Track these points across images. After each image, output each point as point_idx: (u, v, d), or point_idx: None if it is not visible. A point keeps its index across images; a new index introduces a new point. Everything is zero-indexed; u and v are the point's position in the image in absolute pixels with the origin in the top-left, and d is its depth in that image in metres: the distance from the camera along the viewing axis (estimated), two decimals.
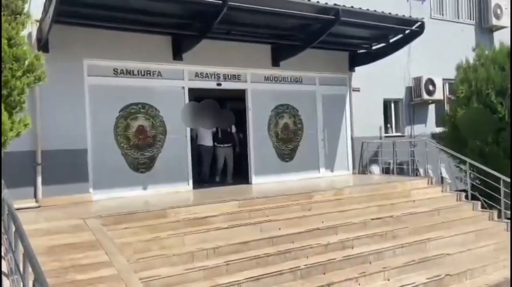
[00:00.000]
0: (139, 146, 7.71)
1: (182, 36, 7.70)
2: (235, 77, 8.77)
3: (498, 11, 12.28)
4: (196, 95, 8.48)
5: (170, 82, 8.06)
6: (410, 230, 6.62)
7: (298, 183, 8.55)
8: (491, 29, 12.46)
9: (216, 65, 8.41)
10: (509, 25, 12.50)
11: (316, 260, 5.55)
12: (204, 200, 6.69)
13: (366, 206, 7.09)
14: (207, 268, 5.04)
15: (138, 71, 7.75)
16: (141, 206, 6.40)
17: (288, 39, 8.62)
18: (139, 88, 7.73)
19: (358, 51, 9.84)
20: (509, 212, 7.80)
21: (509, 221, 7.61)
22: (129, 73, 7.68)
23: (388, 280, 5.54)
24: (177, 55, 7.92)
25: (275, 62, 8.99)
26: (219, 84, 8.59)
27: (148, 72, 7.84)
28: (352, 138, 10.02)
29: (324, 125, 9.71)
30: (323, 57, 9.41)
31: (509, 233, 7.42)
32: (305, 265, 5.41)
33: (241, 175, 9.31)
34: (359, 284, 5.36)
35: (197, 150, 9.13)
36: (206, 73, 8.44)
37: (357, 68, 9.93)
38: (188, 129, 8.25)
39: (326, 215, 6.60)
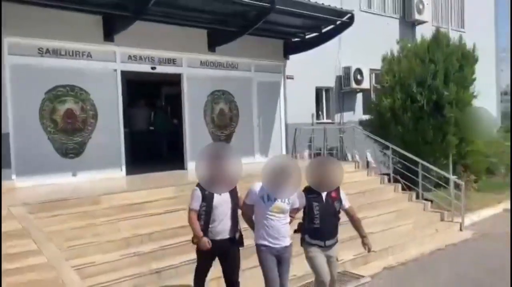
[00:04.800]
0: (68, 130, 7.32)
1: (114, 16, 7.37)
2: (171, 61, 8.60)
3: (420, 6, 13.19)
4: (130, 78, 8.22)
5: (101, 64, 7.70)
6: None
7: None
8: (414, 23, 13.36)
9: (150, 48, 8.18)
10: (430, 19, 13.52)
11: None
12: (140, 186, 6.55)
13: None
14: (142, 253, 4.99)
15: (66, 51, 7.30)
16: (71, 192, 6.11)
17: (224, 25, 8.61)
18: (67, 69, 7.30)
19: (292, 40, 10.09)
20: (425, 193, 8.58)
21: (427, 201, 8.35)
22: (56, 53, 7.22)
23: None
24: (108, 36, 7.58)
25: (211, 48, 8.94)
26: (153, 68, 8.37)
27: (77, 52, 7.42)
28: (286, 125, 10.32)
29: (259, 112, 9.89)
30: (259, 45, 9.52)
31: (426, 212, 8.15)
32: (246, 245, 5.53)
33: (175, 160, 9.20)
34: (293, 263, 5.59)
35: (131, 135, 8.87)
36: (140, 56, 8.18)
37: (291, 56, 10.19)
38: (121, 113, 7.97)
39: None
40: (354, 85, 11.25)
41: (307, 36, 9.90)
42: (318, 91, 11.20)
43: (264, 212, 3.74)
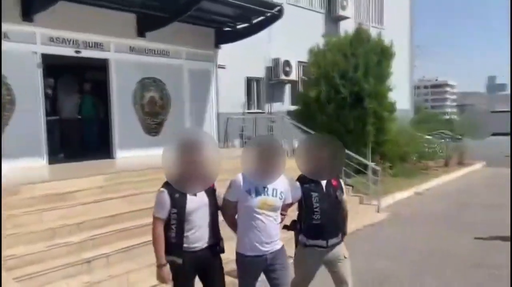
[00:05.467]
0: None
1: None
2: (97, 46, 8.26)
3: (344, 3, 13.90)
4: (52, 62, 7.76)
5: (19, 45, 7.20)
6: None
7: None
8: (338, 19, 14.06)
9: (75, 31, 7.79)
10: (352, 16, 14.31)
11: None
12: (64, 175, 6.28)
13: (228, 177, 7.52)
14: (70, 243, 4.84)
15: None
16: None
17: (154, 10, 8.44)
18: None
19: (224, 29, 10.17)
20: (347, 179, 9.19)
21: (349, 186, 8.95)
22: None
23: None
24: (27, 15, 7.10)
25: (141, 33, 8.74)
26: (78, 52, 7.99)
27: None
28: (217, 114, 10.42)
29: (191, 100, 9.87)
30: (190, 32, 9.48)
31: (348, 196, 8.73)
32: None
33: (103, 149, 8.90)
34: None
35: (58, 122, 8.40)
36: (63, 39, 7.76)
37: (223, 46, 10.27)
38: (42, 99, 7.53)
39: None
40: (283, 76, 11.64)
41: (238, 27, 10.03)
42: (249, 81, 11.44)
43: (251, 210, 3.01)
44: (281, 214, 3.18)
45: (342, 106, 9.74)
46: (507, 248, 5.97)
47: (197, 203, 2.95)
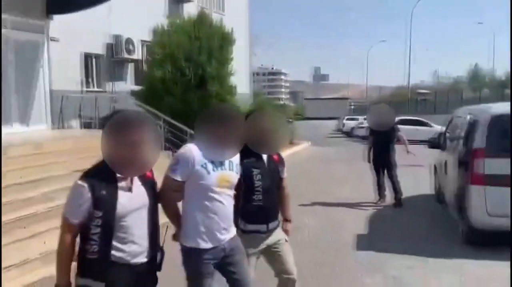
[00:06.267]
0: None
1: None
2: None
3: None
4: None
5: None
6: None
7: None
8: (181, 1, 14.10)
9: None
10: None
11: (17, 215, 5.26)
12: None
13: (68, 159, 7.07)
14: None
15: None
16: None
17: None
18: None
19: None
20: None
21: None
22: None
23: None
24: None
25: None
26: None
27: None
28: (50, 91, 9.50)
29: (17, 75, 8.76)
30: None
31: None
32: (4, 221, 5.05)
33: None
34: None
35: None
36: None
37: (56, 17, 9.35)
38: None
39: (24, 170, 6.22)
40: (125, 55, 11.24)
41: None
42: (87, 57, 10.70)
43: (208, 189, 2.44)
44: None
45: (187, 88, 9.97)
46: (324, 211, 7.16)
47: (134, 203, 2.20)
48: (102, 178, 2.14)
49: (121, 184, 2.20)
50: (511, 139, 2.72)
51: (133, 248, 2.20)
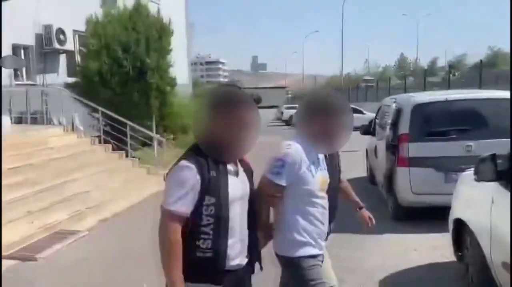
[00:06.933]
0: None
1: None
2: None
3: None
4: None
5: None
6: (50, 175, 6.90)
7: None
8: None
9: None
10: None
11: None
12: None
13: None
14: None
15: None
16: None
17: None
18: None
19: None
20: (134, 151, 9.41)
21: (135, 159, 9.19)
22: None
23: (32, 222, 5.72)
24: None
25: None
26: None
27: None
28: None
29: None
30: None
31: (135, 168, 8.99)
32: None
33: None
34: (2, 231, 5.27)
35: None
36: None
37: None
38: None
39: None
40: (57, 45, 10.75)
41: None
42: (15, 48, 10.09)
43: (311, 195, 2.19)
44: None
45: (126, 80, 9.78)
46: None
47: (239, 190, 1.88)
48: (208, 158, 1.78)
49: (229, 166, 1.87)
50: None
51: (236, 246, 1.86)
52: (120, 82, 9.78)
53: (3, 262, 4.75)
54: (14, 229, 5.40)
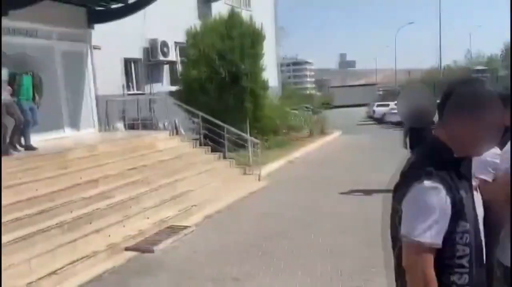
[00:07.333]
0: None
1: None
2: None
3: None
4: None
5: None
6: (160, 175, 7.63)
7: (46, 143, 8.17)
8: (209, 0, 14.50)
9: None
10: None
11: (81, 212, 5.82)
12: None
13: (120, 158, 7.63)
14: None
15: None
16: None
17: None
18: None
19: (96, 8, 9.83)
20: (230, 153, 9.95)
21: (232, 160, 9.72)
22: None
23: (148, 218, 6.40)
24: None
25: (3, 11, 7.98)
26: None
27: None
28: (96, 96, 10.13)
29: (66, 83, 9.40)
30: (61, 11, 8.96)
31: (232, 168, 9.52)
32: (71, 218, 5.62)
33: None
34: (124, 226, 6.01)
35: None
36: None
37: (97, 26, 9.93)
38: None
39: (84, 171, 6.79)
40: (161, 57, 11.75)
41: (112, 6, 9.80)
42: (127, 62, 11.29)
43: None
44: None
45: (222, 85, 10.39)
46: (366, 199, 7.44)
47: (481, 206, 1.66)
48: (449, 173, 1.48)
49: (473, 180, 1.60)
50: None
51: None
52: (216, 88, 10.41)
53: (126, 253, 5.43)
54: (133, 223, 6.12)
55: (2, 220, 5.04)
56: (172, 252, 5.37)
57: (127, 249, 5.51)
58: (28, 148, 7.27)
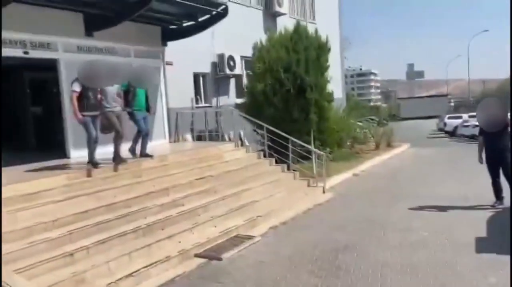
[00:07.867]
0: None
1: None
2: (45, 46, 8.19)
3: (280, 0, 14.64)
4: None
5: None
6: (227, 185, 7.85)
7: (123, 154, 8.73)
8: (275, 15, 14.79)
9: (22, 31, 7.69)
10: (288, 11, 15.09)
11: (154, 219, 6.15)
12: (26, 176, 6.34)
13: (189, 168, 7.97)
14: (49, 239, 5.05)
15: None
16: None
17: (101, 9, 8.52)
18: None
19: (170, 27, 10.42)
20: (294, 164, 9.97)
21: (296, 171, 9.73)
22: None
23: (215, 226, 6.60)
24: None
25: (89, 32, 8.77)
26: (26, 53, 7.89)
27: None
28: (167, 109, 10.69)
29: None
30: (137, 30, 9.63)
31: (296, 180, 9.52)
32: (145, 224, 5.95)
33: (52, 147, 8.85)
34: (193, 233, 6.24)
35: None
36: (10, 40, 7.63)
37: (169, 43, 10.53)
38: None
39: (156, 179, 7.19)
40: (228, 71, 12.14)
41: (184, 25, 10.34)
42: (196, 77, 11.80)
43: None
44: None
45: (287, 98, 10.49)
46: (437, 214, 7.09)
47: None
48: None
49: None
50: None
51: None
52: (281, 100, 10.53)
53: (195, 259, 5.62)
54: (201, 231, 6.33)
55: (85, 224, 5.48)
56: (238, 261, 5.48)
57: (196, 255, 5.72)
58: (144, 155, 7.77)
